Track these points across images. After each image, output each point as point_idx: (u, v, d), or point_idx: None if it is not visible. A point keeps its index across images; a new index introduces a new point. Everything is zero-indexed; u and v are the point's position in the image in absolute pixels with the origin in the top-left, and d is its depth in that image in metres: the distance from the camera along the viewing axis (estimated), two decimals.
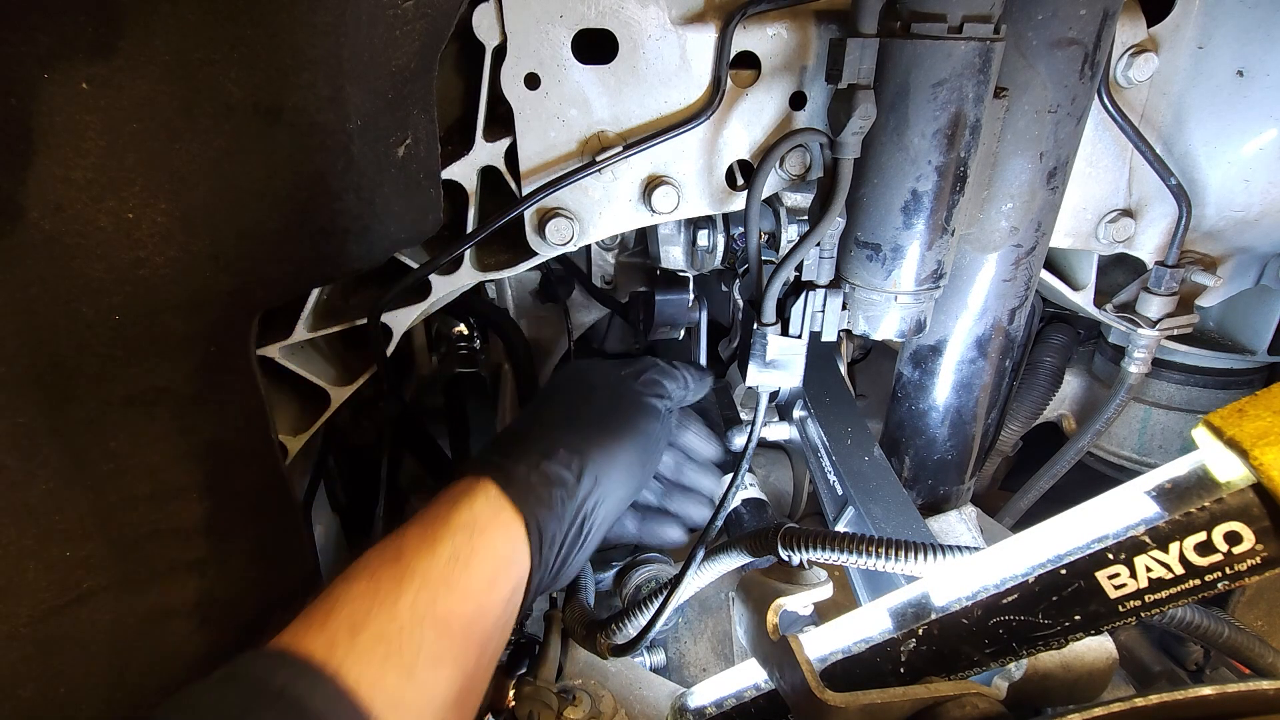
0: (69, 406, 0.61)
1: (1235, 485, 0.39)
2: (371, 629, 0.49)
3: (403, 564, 0.54)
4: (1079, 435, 1.08)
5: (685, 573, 0.70)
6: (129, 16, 0.51)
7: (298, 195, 0.61)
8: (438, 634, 0.52)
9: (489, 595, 0.56)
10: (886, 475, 0.80)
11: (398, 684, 0.48)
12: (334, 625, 0.49)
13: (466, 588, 0.55)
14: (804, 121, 0.75)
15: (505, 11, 0.67)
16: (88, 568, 0.65)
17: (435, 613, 0.52)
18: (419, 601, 0.52)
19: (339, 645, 0.48)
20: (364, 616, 0.50)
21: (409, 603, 0.51)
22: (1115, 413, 1.03)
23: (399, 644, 0.50)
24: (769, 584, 0.61)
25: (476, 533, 0.57)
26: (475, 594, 0.55)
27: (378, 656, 0.48)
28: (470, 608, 0.54)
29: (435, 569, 0.54)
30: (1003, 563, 0.49)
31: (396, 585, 0.52)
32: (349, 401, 0.84)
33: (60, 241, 0.56)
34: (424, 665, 0.50)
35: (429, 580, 0.53)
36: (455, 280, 0.80)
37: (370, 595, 0.52)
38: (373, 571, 0.54)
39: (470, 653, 0.54)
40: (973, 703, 0.49)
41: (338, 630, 0.49)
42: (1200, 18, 0.79)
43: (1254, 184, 0.86)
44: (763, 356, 0.71)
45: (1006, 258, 0.76)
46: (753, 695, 0.66)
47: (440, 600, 0.53)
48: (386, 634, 0.50)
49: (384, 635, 0.49)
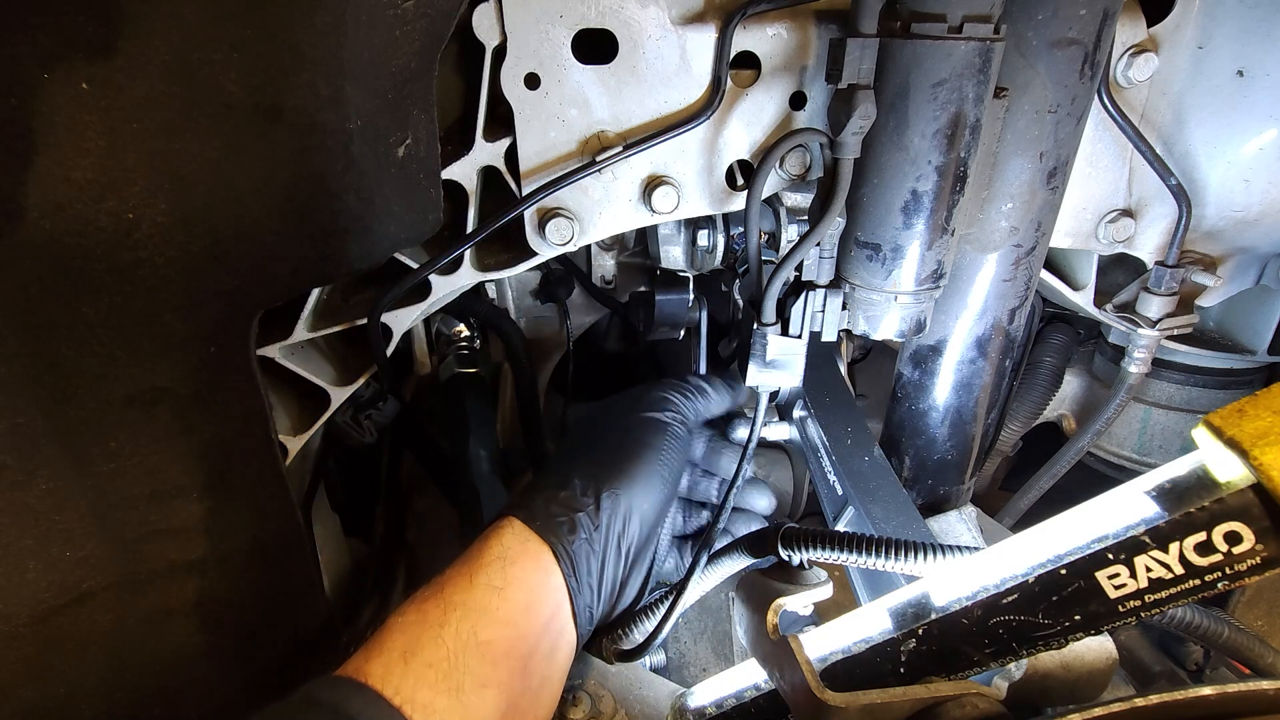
0: (69, 406, 0.61)
1: (1235, 485, 0.39)
2: (422, 656, 0.54)
3: (444, 596, 0.59)
4: (1079, 435, 1.08)
5: (690, 577, 0.70)
6: (129, 16, 0.51)
7: (298, 195, 0.61)
8: (481, 658, 0.56)
9: (527, 620, 0.60)
10: (886, 475, 0.80)
11: (448, 706, 0.52)
12: (389, 653, 0.54)
13: (505, 615, 0.59)
14: (804, 121, 0.75)
15: (505, 11, 0.67)
16: (88, 568, 0.65)
17: (477, 639, 0.56)
18: (462, 630, 0.56)
19: (394, 672, 0.52)
20: (415, 645, 0.54)
21: (453, 631, 0.56)
22: (1115, 413, 1.03)
23: (447, 669, 0.54)
24: (769, 584, 0.61)
25: (508, 564, 0.62)
26: (513, 620, 0.59)
27: (428, 681, 0.53)
28: (510, 633, 0.58)
29: (474, 599, 0.59)
30: (1003, 563, 0.49)
31: (441, 615, 0.57)
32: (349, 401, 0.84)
33: (60, 241, 0.56)
34: (470, 688, 0.54)
35: (469, 610, 0.58)
36: (455, 280, 0.80)
37: (419, 625, 0.56)
38: (419, 605, 0.58)
39: (514, 676, 0.57)
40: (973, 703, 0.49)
41: (392, 658, 0.53)
42: (1200, 18, 0.79)
43: (1254, 184, 0.86)
44: (763, 356, 0.71)
45: (1006, 258, 0.76)
46: (753, 695, 0.66)
47: (481, 628, 0.57)
48: (435, 660, 0.54)
49: (433, 661, 0.54)
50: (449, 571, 0.61)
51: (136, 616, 0.69)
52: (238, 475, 0.70)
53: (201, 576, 0.71)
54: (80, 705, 0.68)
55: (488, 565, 0.61)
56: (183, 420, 0.65)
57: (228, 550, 0.71)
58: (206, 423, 0.67)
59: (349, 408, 0.97)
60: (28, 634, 0.64)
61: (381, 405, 0.99)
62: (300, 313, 0.76)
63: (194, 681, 0.73)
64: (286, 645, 0.78)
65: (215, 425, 0.67)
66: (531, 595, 0.61)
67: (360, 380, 0.84)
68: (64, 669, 0.67)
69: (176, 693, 0.73)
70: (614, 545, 0.67)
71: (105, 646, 0.68)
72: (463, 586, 0.59)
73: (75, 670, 0.68)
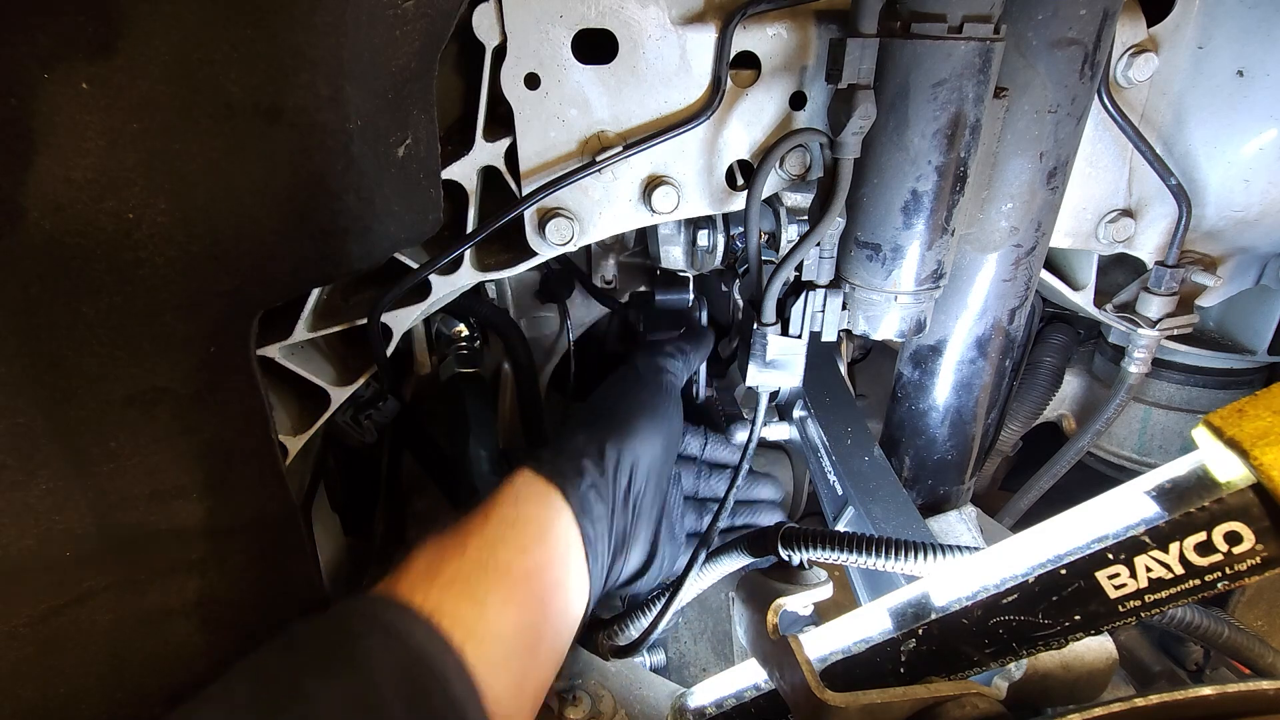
0: (69, 406, 0.61)
1: (1235, 485, 0.39)
2: (445, 574, 0.57)
3: (461, 530, 0.62)
4: (1079, 435, 1.08)
5: (687, 574, 0.70)
6: (129, 16, 0.51)
7: (298, 195, 0.61)
8: (500, 578, 0.59)
9: (541, 550, 0.63)
10: (886, 475, 0.80)
11: (472, 617, 0.55)
12: (413, 574, 0.57)
13: (520, 544, 0.62)
14: (804, 121, 0.75)
15: (505, 11, 0.67)
16: (88, 568, 0.65)
17: (496, 561, 0.60)
18: (480, 554, 0.60)
19: (419, 588, 0.55)
20: (436, 566, 0.58)
21: (472, 556, 0.59)
22: (1115, 413, 1.03)
23: (469, 585, 0.57)
24: (769, 584, 0.61)
25: (520, 502, 0.65)
26: (528, 548, 0.62)
27: (452, 594, 0.56)
28: (526, 560, 0.61)
29: (489, 530, 0.62)
30: (1003, 563, 0.49)
31: (460, 543, 0.60)
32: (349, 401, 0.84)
33: (60, 241, 0.56)
34: (493, 604, 0.57)
35: (486, 538, 0.61)
36: (455, 280, 0.80)
37: (438, 552, 0.59)
38: (437, 538, 0.61)
39: (532, 599, 0.60)
40: (973, 703, 0.49)
41: (416, 578, 0.57)
42: (1200, 18, 0.79)
43: (1254, 184, 0.86)
44: (763, 356, 0.71)
45: (1006, 258, 0.76)
46: (753, 695, 0.66)
47: (499, 553, 0.60)
48: (458, 577, 0.57)
49: (455, 579, 0.57)
50: (462, 516, 0.65)
51: (136, 616, 0.69)
52: (238, 475, 0.70)
53: (201, 576, 0.71)
54: (80, 705, 0.68)
55: (501, 504, 0.65)
56: (183, 420, 0.65)
57: (228, 550, 0.71)
58: (206, 423, 0.67)
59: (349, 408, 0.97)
60: (28, 634, 0.64)
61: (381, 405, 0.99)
62: (300, 313, 0.76)
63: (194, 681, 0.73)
64: None
65: (215, 425, 0.67)
66: (544, 529, 0.64)
67: (360, 380, 0.84)
68: (64, 669, 0.67)
69: (176, 693, 0.73)
70: (620, 493, 0.70)
71: (105, 646, 0.68)
72: (478, 522, 0.63)
73: (75, 670, 0.68)
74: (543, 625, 0.61)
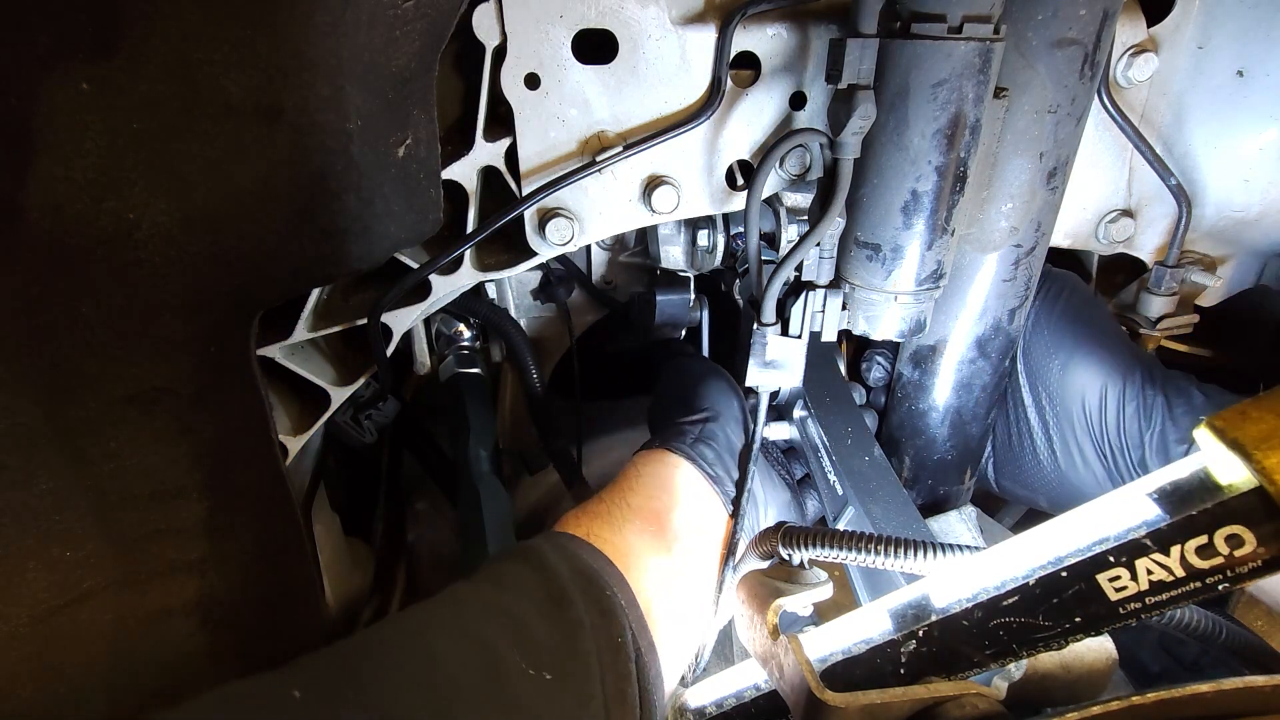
0: (69, 406, 0.61)
1: (1237, 488, 0.38)
2: (588, 514, 0.68)
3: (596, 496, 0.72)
4: None
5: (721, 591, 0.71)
6: (129, 16, 0.51)
7: (298, 195, 0.61)
8: (633, 513, 0.68)
9: (667, 496, 0.71)
10: (886, 475, 0.80)
11: (612, 540, 0.65)
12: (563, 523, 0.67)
13: (646, 490, 0.71)
14: (804, 121, 0.75)
15: (505, 11, 0.67)
16: (88, 568, 0.65)
17: (629, 502, 0.69)
18: (614, 499, 0.70)
19: (568, 521, 0.67)
20: (578, 516, 0.68)
21: (606, 502, 0.70)
22: None
23: (607, 517, 0.67)
24: (769, 584, 0.61)
25: (640, 466, 0.74)
26: (656, 494, 0.71)
27: (597, 526, 0.66)
28: (656, 505, 0.70)
29: (619, 486, 0.72)
30: (1003, 564, 0.49)
31: (595, 502, 0.70)
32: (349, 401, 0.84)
33: (60, 241, 0.55)
34: (629, 532, 0.66)
35: (618, 489, 0.71)
36: (455, 280, 0.80)
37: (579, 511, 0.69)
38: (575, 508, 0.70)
39: (665, 538, 0.68)
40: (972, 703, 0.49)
41: (567, 522, 0.67)
42: (1200, 18, 0.79)
43: (1254, 184, 0.86)
44: (762, 356, 0.71)
45: (1006, 258, 0.76)
46: (753, 695, 0.66)
47: (628, 497, 0.70)
48: (599, 513, 0.68)
49: (597, 514, 0.68)
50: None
51: (136, 616, 0.69)
52: (238, 475, 0.70)
53: (201, 576, 0.71)
54: (80, 705, 0.68)
55: (625, 474, 0.74)
56: (183, 420, 0.65)
57: (228, 550, 0.71)
58: (206, 423, 0.67)
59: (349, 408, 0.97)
60: (28, 634, 0.64)
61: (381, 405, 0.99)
62: (300, 313, 0.76)
63: (194, 681, 0.73)
64: (286, 645, 0.78)
65: (215, 425, 0.67)
66: (665, 479, 0.73)
67: (360, 380, 0.84)
68: (65, 669, 0.67)
69: (176, 693, 0.73)
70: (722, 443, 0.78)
71: (105, 646, 0.68)
72: (607, 489, 0.72)
73: (76, 670, 0.68)
74: (679, 567, 0.68)
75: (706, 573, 0.71)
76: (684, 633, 0.68)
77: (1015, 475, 0.95)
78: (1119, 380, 0.84)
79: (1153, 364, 0.85)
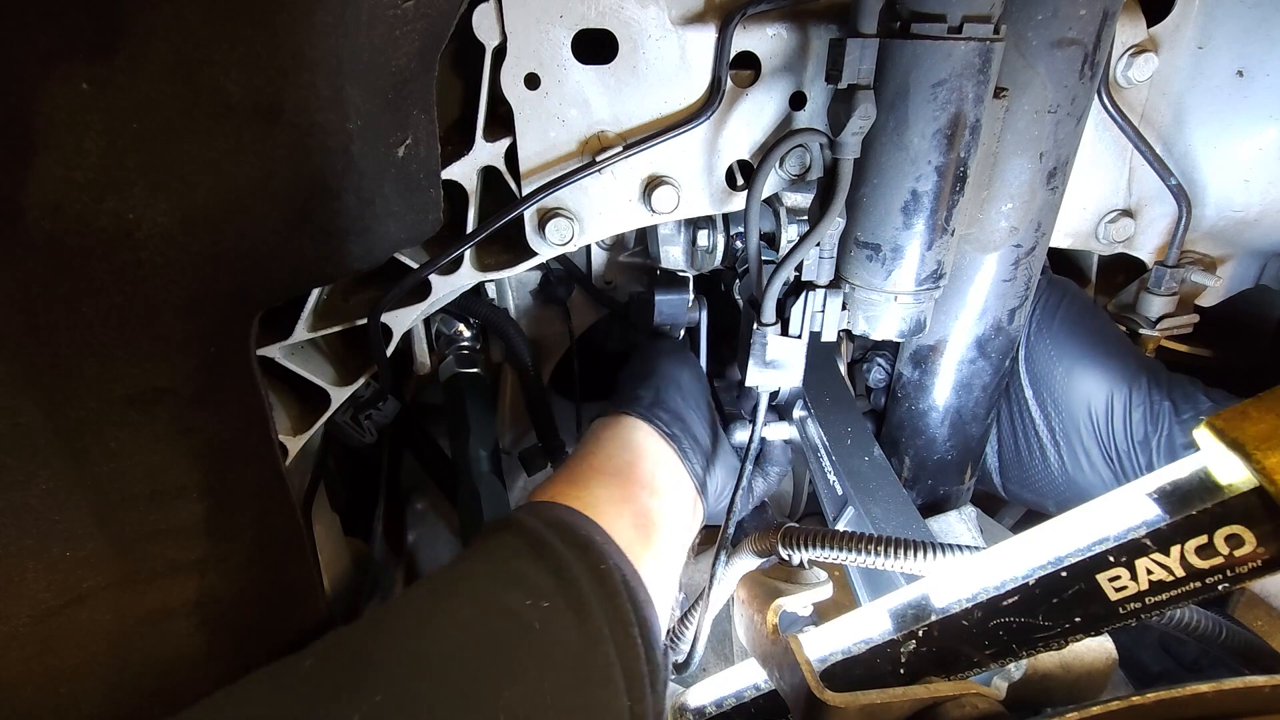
0: (69, 406, 0.61)
1: (1237, 488, 0.39)
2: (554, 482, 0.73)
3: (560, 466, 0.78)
4: None
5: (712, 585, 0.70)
6: (129, 16, 0.51)
7: (297, 195, 0.61)
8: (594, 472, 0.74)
9: (627, 453, 0.77)
10: (886, 475, 0.80)
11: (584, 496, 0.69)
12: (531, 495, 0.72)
13: (605, 450, 0.77)
14: (804, 121, 0.75)
15: (505, 11, 0.67)
16: (88, 568, 0.65)
17: (590, 464, 0.75)
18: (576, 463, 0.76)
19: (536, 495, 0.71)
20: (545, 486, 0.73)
21: (570, 464, 0.76)
22: None
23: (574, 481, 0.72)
24: (769, 584, 0.61)
25: (599, 431, 0.80)
26: (616, 453, 0.77)
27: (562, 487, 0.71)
28: (617, 461, 0.75)
29: (579, 451, 0.78)
30: (1003, 564, 0.49)
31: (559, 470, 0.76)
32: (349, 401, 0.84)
33: (60, 241, 0.55)
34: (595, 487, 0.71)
35: (578, 454, 0.78)
36: (455, 280, 0.80)
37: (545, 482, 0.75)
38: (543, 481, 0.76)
39: (630, 489, 0.73)
40: (972, 703, 0.49)
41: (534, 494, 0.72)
42: (1200, 18, 0.79)
43: (1254, 184, 0.86)
44: (762, 356, 0.71)
45: (1006, 258, 0.76)
46: (753, 695, 0.66)
47: (590, 460, 0.76)
48: (561, 478, 0.74)
49: (560, 479, 0.73)
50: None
51: (136, 616, 0.69)
52: (238, 475, 0.70)
53: (201, 576, 0.71)
54: (80, 705, 0.68)
55: (585, 439, 0.81)
56: (183, 420, 0.65)
57: (228, 550, 0.71)
58: (206, 423, 0.66)
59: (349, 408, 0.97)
60: (28, 634, 0.64)
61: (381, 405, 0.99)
62: (300, 313, 0.76)
63: (194, 681, 0.73)
64: (286, 645, 0.78)
65: (215, 425, 0.67)
66: (625, 439, 0.78)
67: (360, 380, 0.84)
68: (64, 669, 0.67)
69: (176, 693, 0.73)
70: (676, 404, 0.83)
71: (105, 646, 0.68)
72: (571, 456, 0.79)
73: (75, 670, 0.67)
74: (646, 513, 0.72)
75: (674, 518, 0.75)
76: (664, 572, 0.71)
77: (1023, 481, 0.95)
78: (1124, 387, 0.84)
79: (1157, 369, 0.85)
